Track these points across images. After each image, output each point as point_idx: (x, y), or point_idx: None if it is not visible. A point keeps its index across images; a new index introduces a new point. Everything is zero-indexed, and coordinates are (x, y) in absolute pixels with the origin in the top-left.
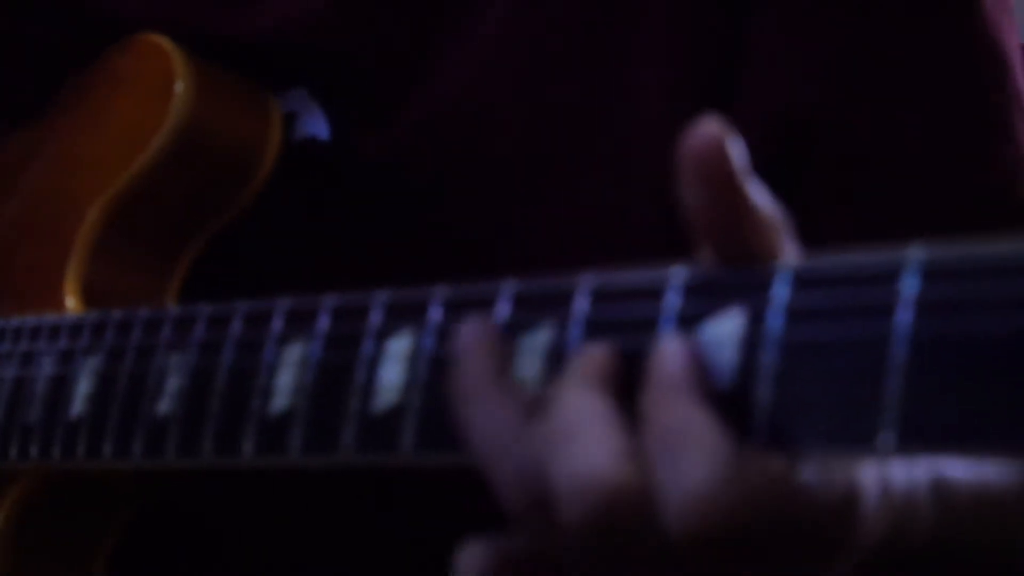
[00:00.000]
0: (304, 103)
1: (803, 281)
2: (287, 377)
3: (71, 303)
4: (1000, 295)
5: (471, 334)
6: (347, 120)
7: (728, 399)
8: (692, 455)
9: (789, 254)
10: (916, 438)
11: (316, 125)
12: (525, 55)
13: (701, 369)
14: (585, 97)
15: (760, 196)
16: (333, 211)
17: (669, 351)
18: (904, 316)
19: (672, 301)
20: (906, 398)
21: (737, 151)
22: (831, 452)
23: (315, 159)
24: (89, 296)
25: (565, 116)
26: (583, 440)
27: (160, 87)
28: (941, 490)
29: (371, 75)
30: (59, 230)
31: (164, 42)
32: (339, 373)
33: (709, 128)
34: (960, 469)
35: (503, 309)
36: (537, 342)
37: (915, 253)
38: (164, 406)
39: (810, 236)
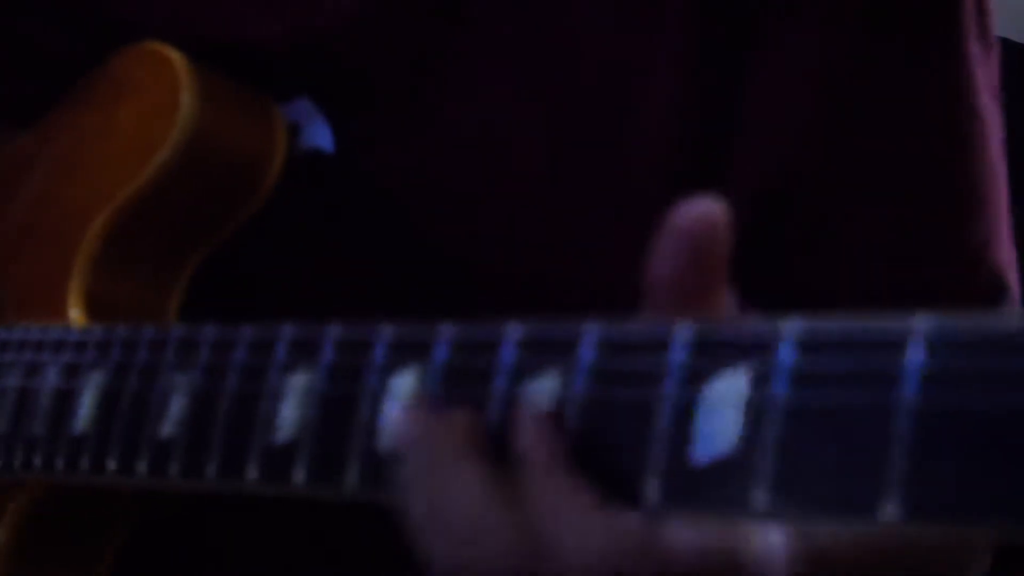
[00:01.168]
0: (309, 113)
1: (809, 344)
2: (291, 406)
3: (75, 314)
4: (1006, 370)
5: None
6: (352, 132)
7: (730, 460)
8: (578, 520)
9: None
10: (920, 510)
11: (321, 136)
12: (534, 78)
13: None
14: (592, 119)
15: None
16: (335, 223)
17: (534, 427)
18: (909, 389)
19: (677, 356)
20: (910, 470)
21: (727, 235)
22: (833, 520)
23: (318, 171)
24: (92, 306)
25: (572, 137)
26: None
27: (165, 98)
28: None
29: (379, 88)
30: (63, 239)
31: (170, 52)
32: (344, 406)
33: (709, 204)
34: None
35: (508, 353)
36: (542, 389)
37: (921, 323)
38: (167, 428)
39: (784, 287)
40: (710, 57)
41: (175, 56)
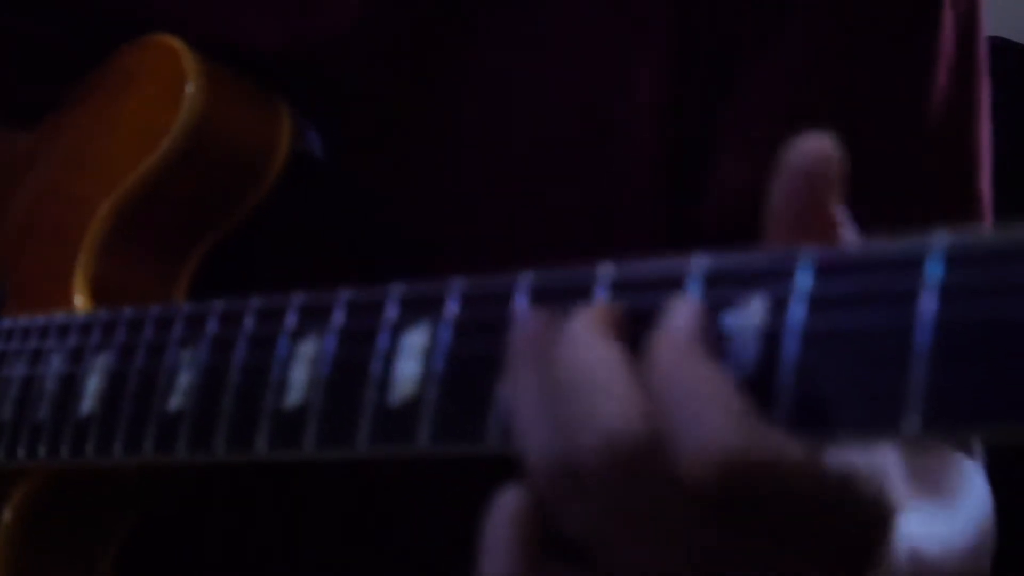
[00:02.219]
0: (301, 115)
1: (826, 268)
2: (301, 371)
3: (79, 301)
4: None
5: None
6: (345, 137)
7: (749, 387)
8: (710, 409)
9: None
10: (941, 421)
11: (310, 142)
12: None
13: (715, 332)
14: (582, 121)
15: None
16: (324, 228)
17: (685, 308)
18: (928, 302)
19: (693, 290)
20: (931, 383)
21: (840, 169)
22: (856, 437)
23: (306, 176)
24: (97, 294)
25: (562, 142)
26: (594, 393)
27: (171, 87)
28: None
29: (374, 94)
30: (67, 229)
31: (176, 43)
32: (355, 367)
33: (819, 140)
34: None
35: (521, 302)
36: None
37: (938, 239)
38: (175, 402)
39: None
40: (695, 58)
41: (181, 47)
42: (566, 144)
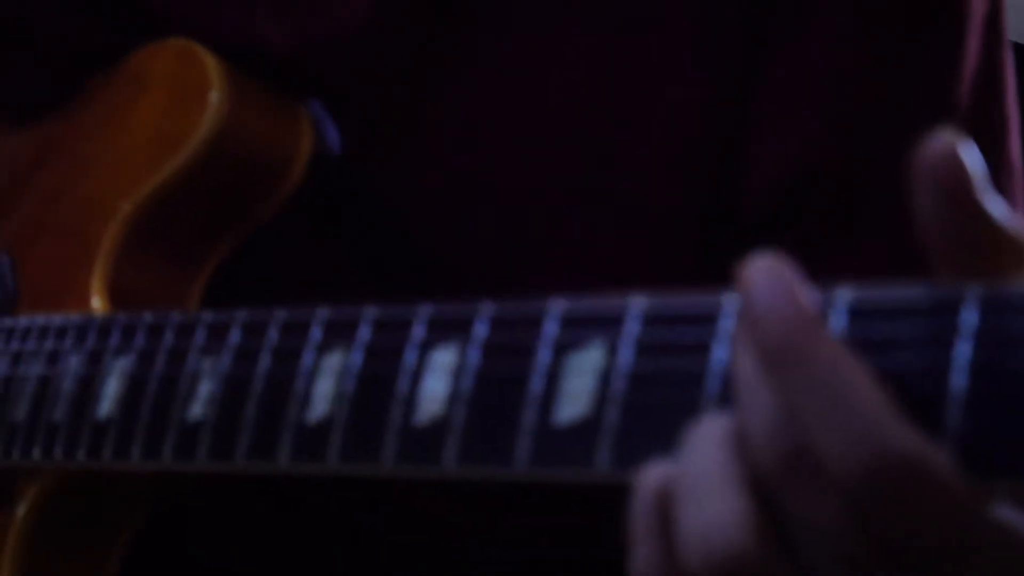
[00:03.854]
0: (319, 115)
1: (861, 311)
2: (326, 385)
3: (97, 303)
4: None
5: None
6: (357, 134)
7: None
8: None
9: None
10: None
11: (329, 137)
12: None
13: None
14: (601, 127)
15: (998, 209)
16: (337, 224)
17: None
18: (964, 347)
19: (724, 325)
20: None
21: (972, 160)
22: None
23: (323, 172)
24: (114, 297)
25: (580, 147)
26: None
27: (194, 94)
28: None
29: (386, 92)
30: (83, 230)
31: (197, 47)
32: (381, 383)
33: (944, 139)
34: None
35: (551, 328)
36: (587, 361)
37: (974, 289)
38: (196, 410)
39: (806, 269)
40: (722, 54)
41: (202, 51)
42: (583, 143)
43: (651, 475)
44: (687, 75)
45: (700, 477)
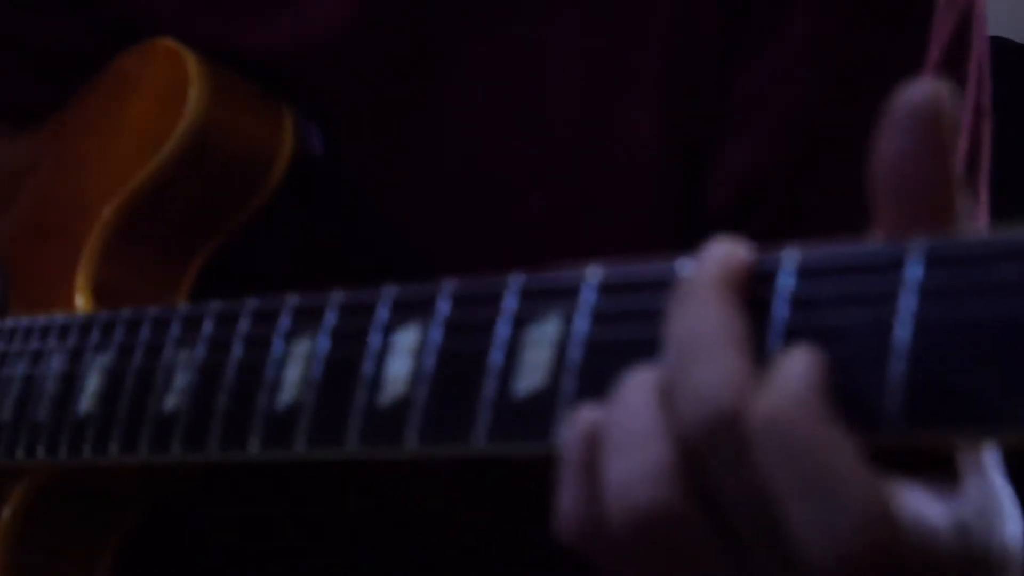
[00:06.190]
0: (302, 115)
1: (808, 271)
2: (294, 371)
3: (80, 302)
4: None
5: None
6: (341, 137)
7: None
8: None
9: (968, 223)
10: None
11: (313, 143)
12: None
13: None
14: (579, 130)
15: (957, 163)
16: (320, 225)
17: None
18: (909, 300)
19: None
20: (910, 380)
21: (951, 110)
22: None
23: (305, 173)
24: (99, 296)
25: (560, 139)
26: (709, 363)
27: (173, 91)
28: None
29: (370, 96)
30: (69, 231)
31: (178, 46)
32: (346, 366)
33: (932, 84)
34: None
35: (510, 302)
36: (545, 333)
37: (919, 242)
38: (171, 402)
39: None
40: (696, 53)
41: (182, 50)
42: (563, 144)
43: (581, 417)
44: (661, 77)
45: (628, 425)
